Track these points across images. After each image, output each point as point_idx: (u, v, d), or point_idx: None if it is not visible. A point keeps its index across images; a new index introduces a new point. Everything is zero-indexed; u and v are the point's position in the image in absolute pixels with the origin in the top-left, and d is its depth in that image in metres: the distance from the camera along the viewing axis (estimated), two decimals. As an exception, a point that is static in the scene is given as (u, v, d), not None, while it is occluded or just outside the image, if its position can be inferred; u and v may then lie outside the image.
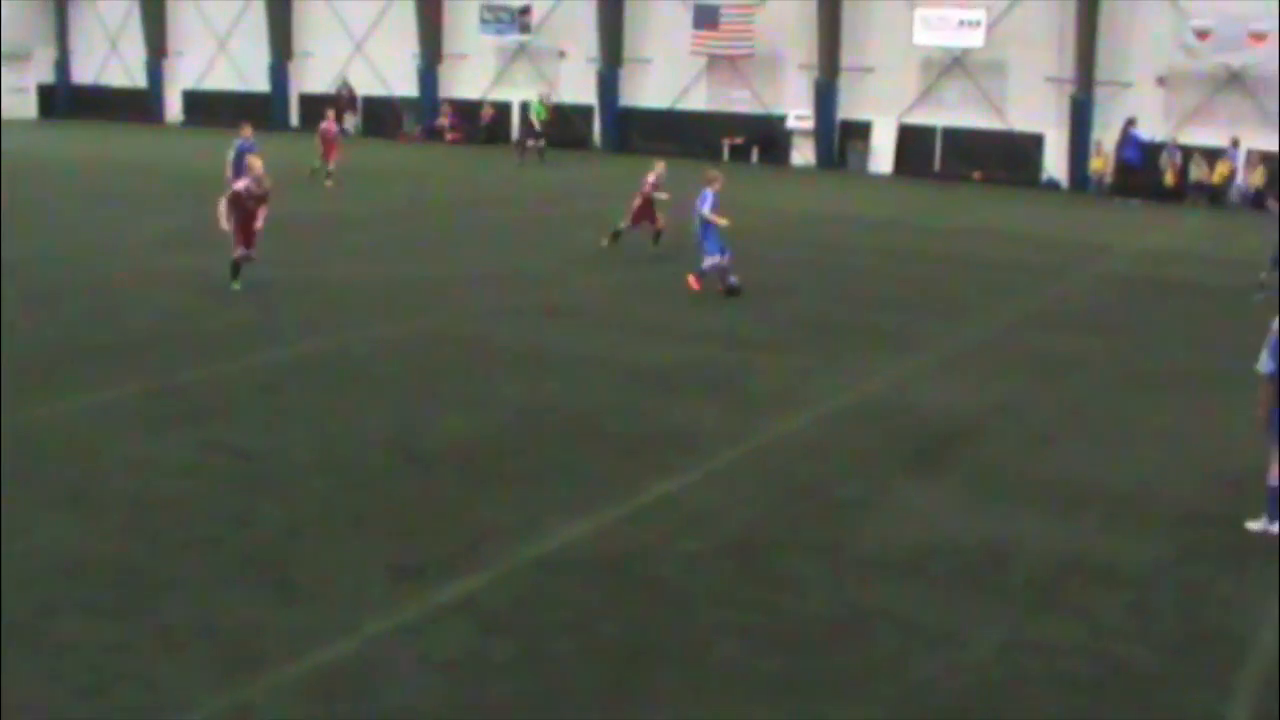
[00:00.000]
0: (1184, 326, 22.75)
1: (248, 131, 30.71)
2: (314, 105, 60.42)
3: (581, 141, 53.69)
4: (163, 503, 11.71)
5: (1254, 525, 12.12)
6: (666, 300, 22.54)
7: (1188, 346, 20.98)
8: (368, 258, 25.41)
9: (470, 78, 58.66)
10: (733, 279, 22.87)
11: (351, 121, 59.29)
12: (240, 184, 21.40)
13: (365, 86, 60.30)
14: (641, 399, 16.02)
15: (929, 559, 11.20)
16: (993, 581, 10.81)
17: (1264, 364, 11.93)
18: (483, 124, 56.98)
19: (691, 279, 22.79)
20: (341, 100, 59.41)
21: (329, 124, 39.01)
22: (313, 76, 62.02)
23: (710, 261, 22.77)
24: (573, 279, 24.38)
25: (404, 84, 59.41)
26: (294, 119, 62.18)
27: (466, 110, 57.83)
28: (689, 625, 9.65)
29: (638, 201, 26.76)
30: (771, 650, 9.34)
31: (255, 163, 21.55)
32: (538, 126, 49.61)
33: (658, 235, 26.85)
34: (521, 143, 49.80)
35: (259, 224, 21.22)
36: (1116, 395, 17.55)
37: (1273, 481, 11.97)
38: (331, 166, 37.87)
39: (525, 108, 51.81)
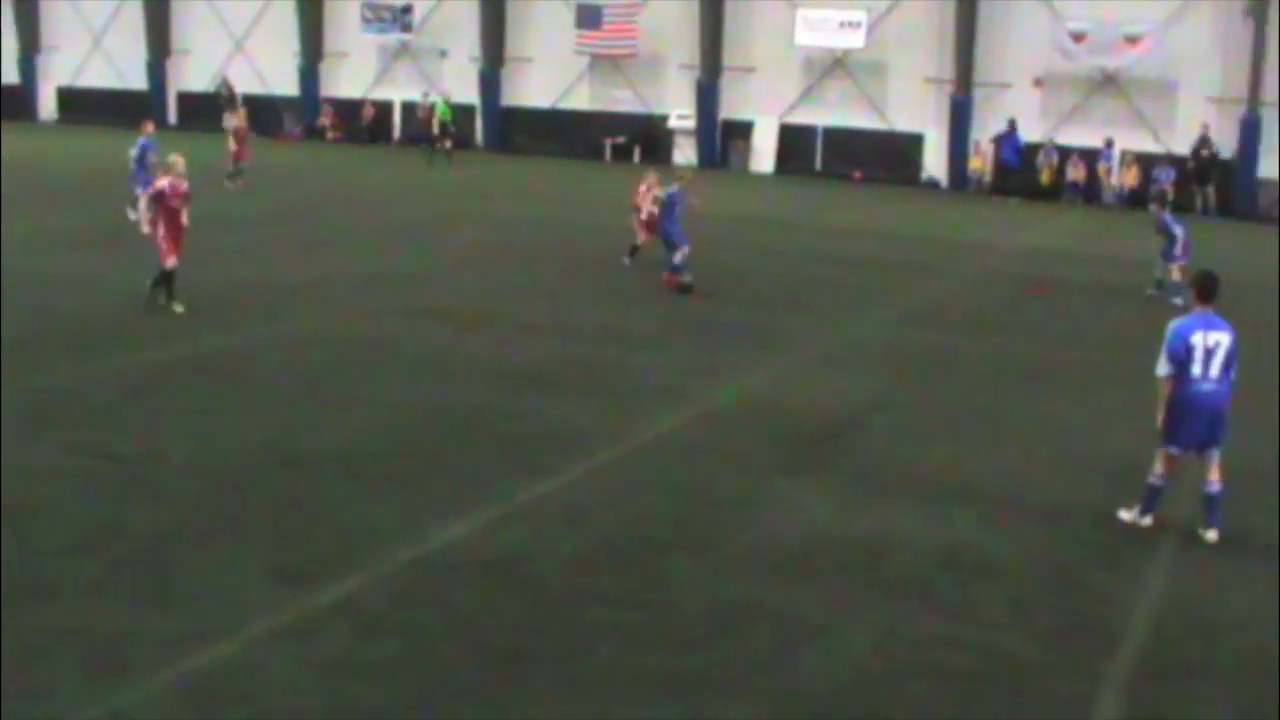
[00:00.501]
0: (1060, 323, 23.11)
1: (150, 129, 29.76)
2: (193, 104, 59.85)
3: (464, 141, 53.48)
4: (32, 508, 11.45)
5: (1125, 515, 12.40)
6: (547, 299, 22.52)
7: (1063, 343, 21.33)
8: (248, 258, 25.12)
9: (351, 77, 58.31)
10: (687, 277, 23.40)
11: (231, 121, 58.50)
12: (163, 181, 19.81)
13: (245, 85, 59.47)
14: (521, 398, 15.98)
15: (808, 555, 11.28)
16: (871, 576, 10.91)
17: (1161, 368, 12.15)
18: (364, 123, 56.64)
19: (668, 277, 23.44)
20: (221, 99, 58.70)
21: (242, 123, 38.44)
22: (191, 74, 61.28)
23: (682, 254, 23.33)
24: (453, 279, 24.26)
25: (285, 83, 58.84)
26: (172, 117, 61.33)
27: (347, 109, 57.42)
28: (569, 624, 9.65)
29: (642, 216, 26.09)
30: (652, 648, 9.36)
31: (178, 160, 20.05)
32: (435, 129, 49.64)
33: (633, 250, 26.33)
34: (431, 143, 49.58)
35: (184, 223, 19.74)
36: (993, 391, 17.80)
37: (1154, 480, 12.23)
38: (243, 166, 37.23)
39: (432, 109, 51.56)
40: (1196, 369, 11.99)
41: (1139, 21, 44.34)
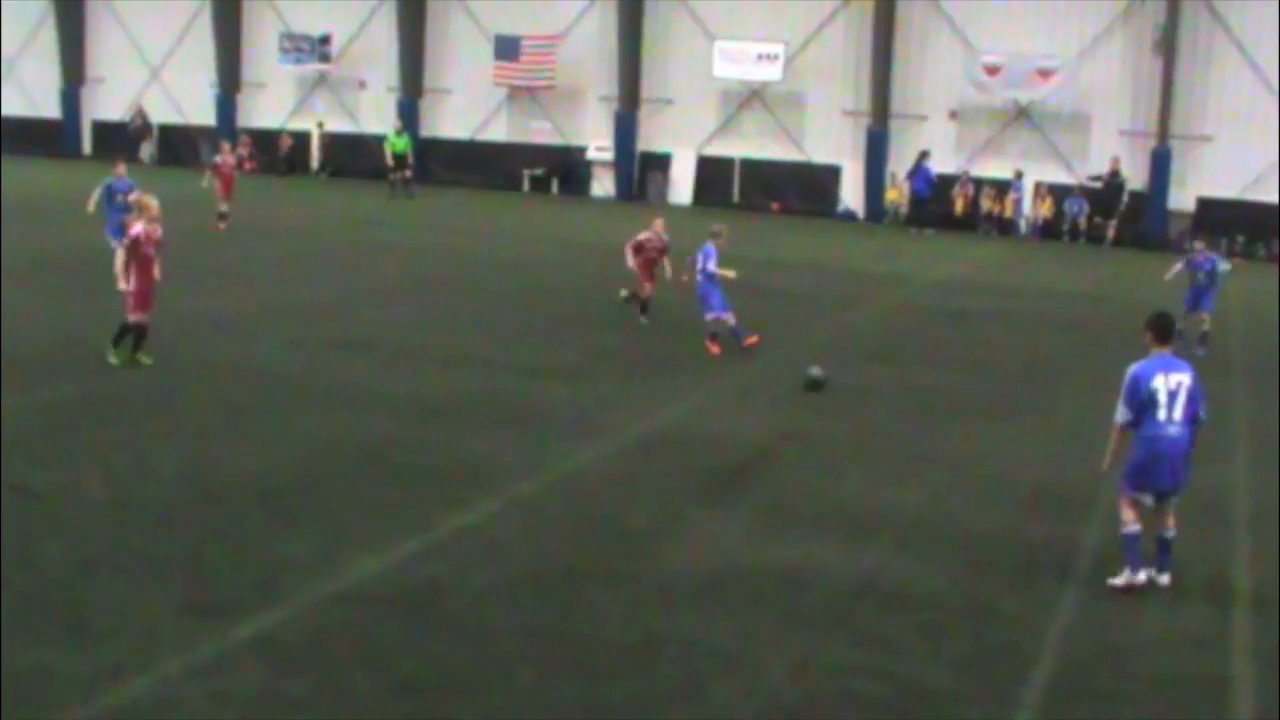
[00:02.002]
0: (974, 354, 23.36)
1: (121, 170, 28.07)
2: (108, 133, 59.27)
3: (382, 172, 53.28)
4: (-57, 544, 11.34)
5: (1117, 581, 11.83)
6: (464, 331, 22.52)
7: (977, 373, 21.56)
8: (163, 289, 24.80)
9: (269, 107, 57.99)
10: (738, 329, 21.84)
11: (147, 150, 58.22)
12: (137, 228, 18.43)
13: (161, 114, 59.20)
14: (438, 431, 15.98)
15: (724, 586, 11.36)
16: (786, 606, 11.00)
17: (1120, 415, 11.96)
18: (282, 154, 56.37)
19: (710, 344, 21.73)
20: (134, 129, 58.29)
21: (226, 158, 36.83)
22: (106, 103, 60.71)
23: (713, 315, 21.77)
24: (370, 311, 24.20)
25: (201, 113, 58.38)
26: (86, 147, 60.78)
27: (265, 140, 57.14)
28: (486, 656, 9.67)
29: (639, 259, 23.73)
30: (569, 678, 9.41)
31: (151, 203, 18.82)
32: (390, 160, 49.61)
33: (644, 305, 24.07)
34: (389, 177, 49.50)
35: (157, 276, 18.59)
36: (907, 421, 17.97)
37: (1127, 530, 11.90)
38: (225, 208, 35.36)
39: (382, 141, 51.57)
40: (1162, 413, 11.73)
41: (1052, 55, 45.00)
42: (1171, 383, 11.77)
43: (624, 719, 8.94)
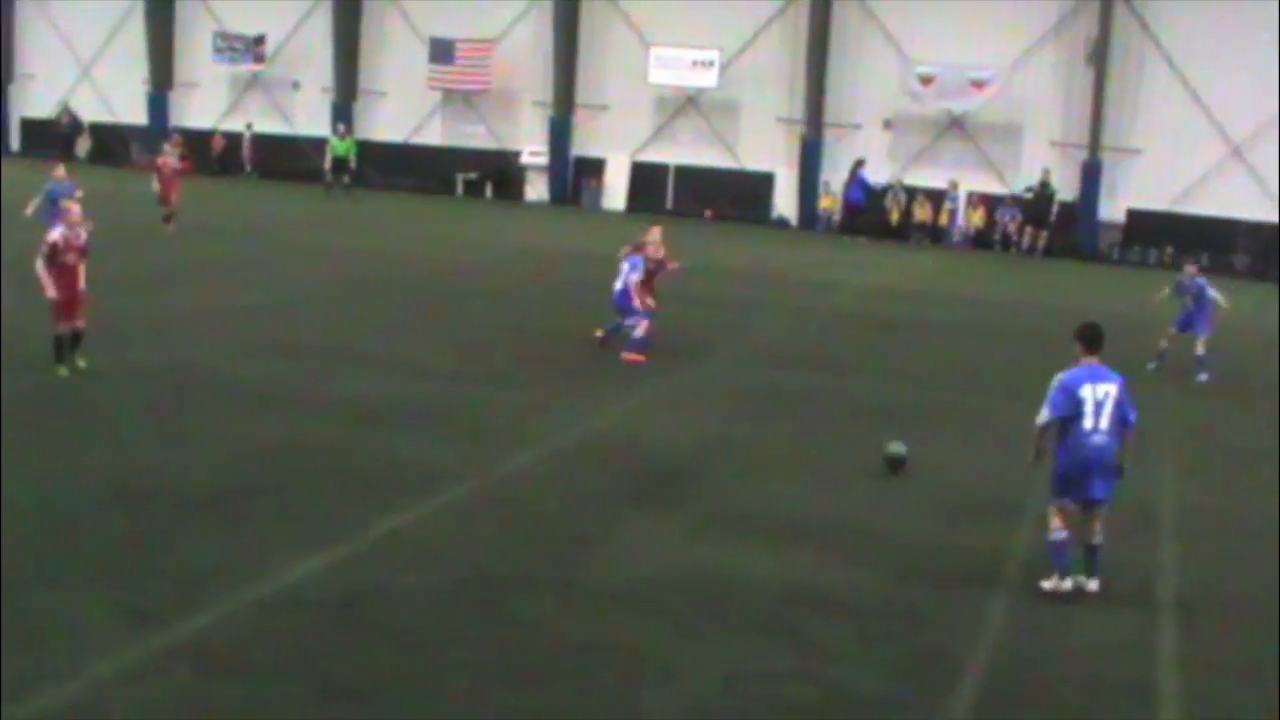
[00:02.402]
0: (906, 362, 23.48)
1: (60, 173, 27.83)
2: (37, 131, 58.64)
3: (315, 174, 53.03)
4: None
5: (1046, 585, 11.98)
6: (398, 336, 22.42)
7: (908, 381, 21.66)
8: (92, 290, 24.55)
9: (202, 107, 57.46)
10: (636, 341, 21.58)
11: (84, 147, 57.63)
12: (54, 234, 17.80)
13: (92, 113, 58.56)
14: (370, 436, 15.89)
15: (657, 591, 11.38)
16: (717, 612, 11.02)
17: (1041, 416, 12.05)
18: (214, 154, 55.91)
19: (629, 355, 21.43)
20: (62, 127, 57.67)
21: (166, 158, 35.83)
22: (35, 100, 59.96)
23: (642, 328, 21.58)
24: (303, 314, 24.05)
25: (133, 112, 57.82)
26: (14, 144, 60.09)
27: (197, 140, 56.62)
28: (418, 662, 9.63)
29: (636, 277, 22.07)
30: (501, 685, 9.39)
31: (73, 208, 18.36)
32: (329, 163, 49.57)
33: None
34: (327, 180, 49.44)
35: (81, 284, 17.99)
36: (839, 429, 18.04)
37: (1055, 538, 12.02)
38: (171, 208, 34.48)
39: (316, 143, 51.49)
40: (1088, 422, 11.84)
41: (985, 67, 45.29)
42: (1099, 392, 11.89)
43: (555, 725, 8.94)
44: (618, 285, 21.89)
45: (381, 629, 10.20)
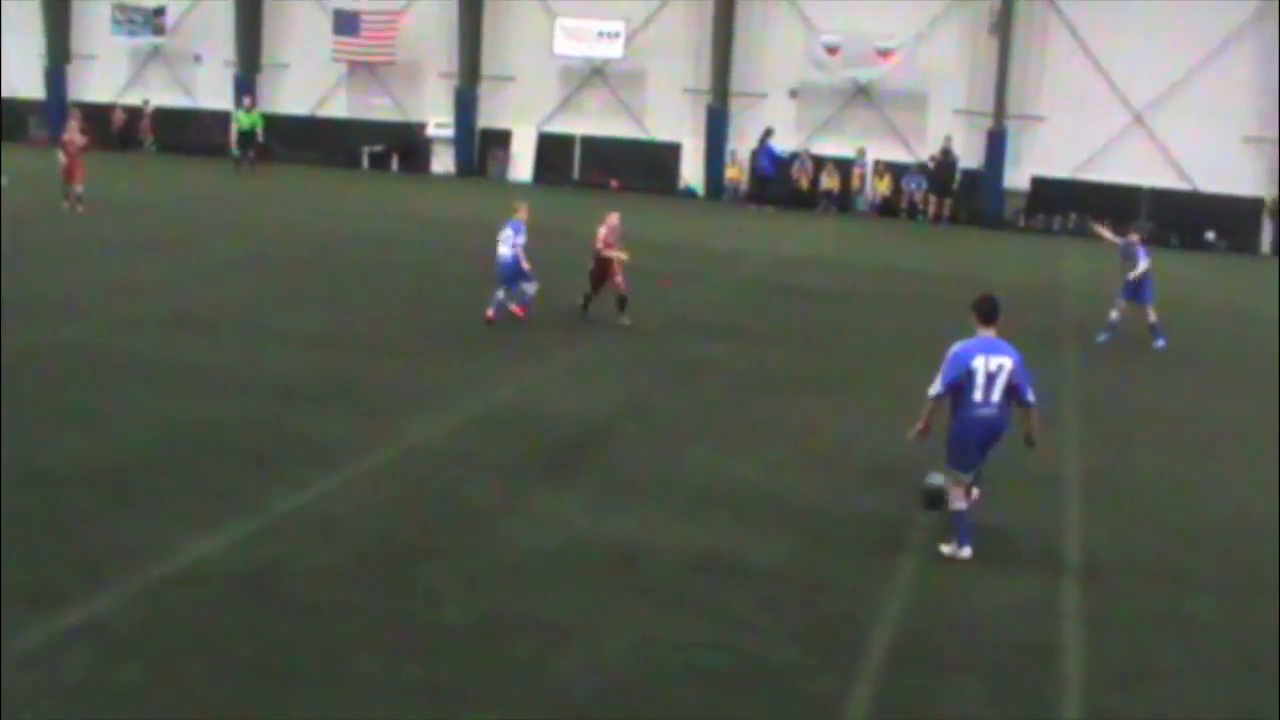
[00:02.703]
0: (813, 329, 23.60)
1: None
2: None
3: (218, 149, 52.44)
4: None
5: (945, 549, 12.16)
6: (301, 309, 22.22)
7: (816, 348, 21.80)
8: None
9: (101, 81, 56.57)
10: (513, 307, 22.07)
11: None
12: None
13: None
14: (274, 410, 15.73)
15: (563, 562, 11.35)
16: (626, 581, 11.02)
17: (934, 388, 12.10)
18: (114, 129, 55.07)
19: (518, 309, 22.00)
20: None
21: (73, 135, 34.24)
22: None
23: (532, 289, 22.00)
24: (205, 289, 23.74)
25: (30, 86, 56.80)
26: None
27: (97, 115, 55.71)
28: (323, 638, 9.54)
29: (590, 264, 22.77)
30: (409, 659, 9.32)
31: None
32: (235, 137, 49.41)
33: (622, 302, 22.55)
34: (234, 154, 49.12)
35: None
36: (745, 397, 18.09)
37: (954, 506, 12.14)
38: (79, 188, 33.36)
39: (219, 117, 51.21)
40: (977, 394, 11.91)
41: (891, 36, 45.56)
42: (992, 365, 11.92)
43: (463, 699, 8.87)
44: (507, 251, 21.75)
45: (286, 605, 10.10)
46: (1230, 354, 24.42)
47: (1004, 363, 11.95)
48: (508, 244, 21.79)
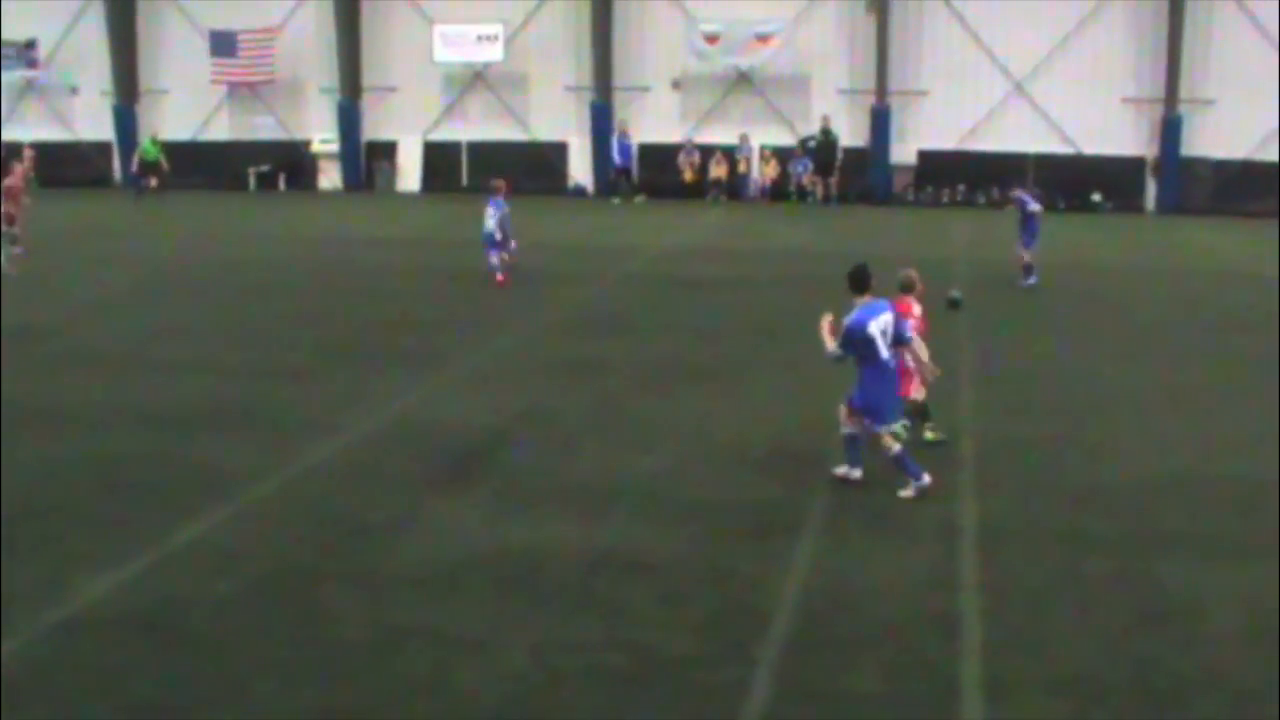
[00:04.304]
0: (706, 319, 23.68)
1: None
2: None
3: (101, 179, 51.79)
4: None
5: (838, 470, 13.71)
6: (190, 338, 21.96)
7: (708, 339, 21.86)
8: None
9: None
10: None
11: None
12: None
13: None
14: (166, 442, 15.55)
15: (463, 573, 11.36)
16: (526, 588, 11.05)
17: (830, 350, 13.53)
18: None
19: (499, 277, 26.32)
20: None
21: (15, 179, 31.80)
22: None
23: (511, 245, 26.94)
24: (90, 324, 23.46)
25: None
26: None
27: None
28: (224, 669, 9.50)
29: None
30: (310, 681, 9.31)
31: None
32: (135, 168, 48.69)
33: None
34: (136, 184, 48.23)
35: None
36: (638, 393, 18.16)
37: (846, 430, 13.67)
38: (17, 230, 31.07)
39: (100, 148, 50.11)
40: (885, 352, 13.39)
41: (769, 20, 45.84)
42: (882, 323, 13.45)
43: (368, 716, 8.87)
44: (491, 223, 26.92)
45: (185, 640, 10.03)
46: (1121, 314, 24.80)
47: (887, 317, 13.50)
48: (492, 219, 26.74)
